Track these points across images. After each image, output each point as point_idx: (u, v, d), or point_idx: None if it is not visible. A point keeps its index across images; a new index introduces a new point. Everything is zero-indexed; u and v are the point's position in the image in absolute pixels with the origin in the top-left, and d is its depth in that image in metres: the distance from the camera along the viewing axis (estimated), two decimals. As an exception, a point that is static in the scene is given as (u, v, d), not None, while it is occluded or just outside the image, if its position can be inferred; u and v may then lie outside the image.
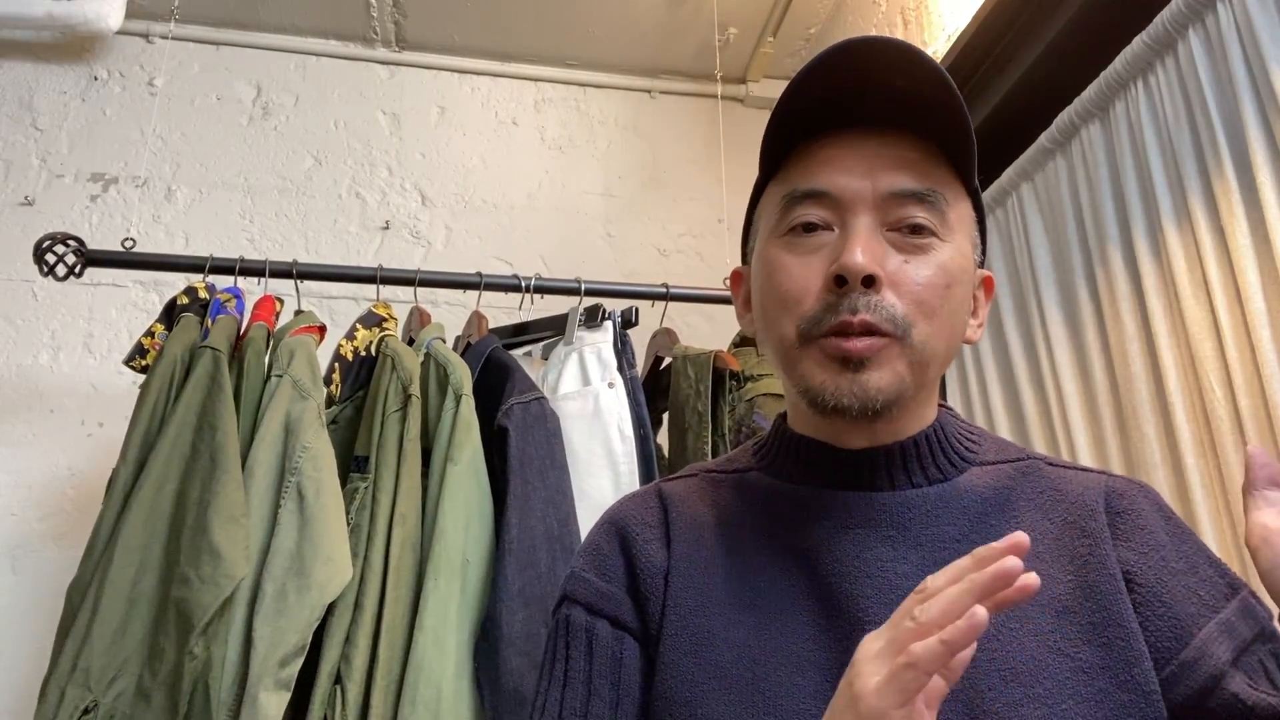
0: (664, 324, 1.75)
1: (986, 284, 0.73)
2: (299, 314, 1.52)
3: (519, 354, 1.66)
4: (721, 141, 2.34)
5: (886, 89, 0.63)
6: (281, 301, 1.56)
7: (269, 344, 1.45)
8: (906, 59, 0.63)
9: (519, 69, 2.42)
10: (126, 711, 1.15)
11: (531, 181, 2.35)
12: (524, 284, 1.67)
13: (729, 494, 0.73)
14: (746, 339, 1.73)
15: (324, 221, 2.20)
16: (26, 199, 2.06)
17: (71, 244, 1.57)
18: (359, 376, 1.49)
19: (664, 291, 1.74)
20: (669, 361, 1.65)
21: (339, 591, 1.21)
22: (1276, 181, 1.09)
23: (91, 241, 1.65)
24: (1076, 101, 1.43)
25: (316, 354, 1.43)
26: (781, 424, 0.74)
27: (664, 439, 1.63)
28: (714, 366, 1.54)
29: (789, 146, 0.68)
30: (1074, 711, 0.58)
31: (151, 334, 1.50)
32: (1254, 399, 1.10)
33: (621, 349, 1.58)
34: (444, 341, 1.52)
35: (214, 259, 1.58)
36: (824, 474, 0.69)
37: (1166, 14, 1.25)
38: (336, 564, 1.21)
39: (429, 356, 1.46)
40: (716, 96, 2.35)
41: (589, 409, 1.49)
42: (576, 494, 1.39)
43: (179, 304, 1.50)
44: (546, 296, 1.71)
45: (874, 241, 0.63)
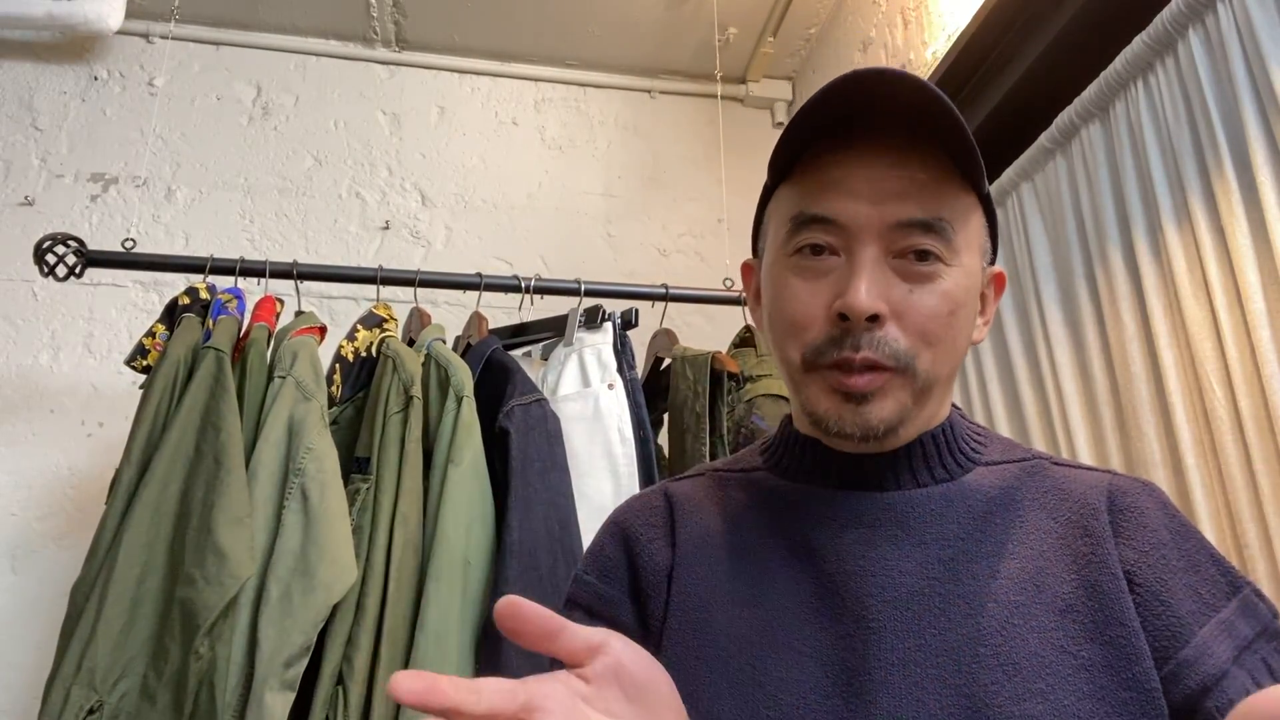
0: (664, 324, 1.75)
1: (998, 281, 0.73)
2: (300, 315, 1.52)
3: (519, 355, 1.66)
4: (721, 141, 2.34)
5: (895, 106, 0.64)
6: (282, 302, 1.56)
7: (270, 345, 1.45)
8: (915, 83, 0.64)
9: (519, 69, 2.43)
10: (131, 712, 1.15)
11: (531, 181, 2.35)
12: (524, 284, 1.67)
13: (735, 492, 0.74)
14: (745, 340, 1.73)
15: (324, 221, 2.20)
16: (26, 199, 2.06)
17: (72, 244, 1.57)
18: (360, 377, 1.49)
19: (664, 292, 1.74)
20: (669, 362, 1.64)
21: (344, 592, 1.22)
22: (1276, 181, 1.09)
23: (91, 242, 1.65)
24: (1076, 101, 1.43)
25: (319, 355, 1.43)
26: (787, 424, 0.75)
27: (664, 440, 1.63)
28: (712, 368, 1.54)
29: (799, 153, 0.68)
30: (1075, 707, 0.58)
31: (153, 334, 1.50)
32: (1254, 399, 1.10)
33: (621, 350, 1.58)
34: (444, 342, 1.52)
35: (214, 259, 1.58)
36: (829, 474, 0.70)
37: (1166, 14, 1.25)
38: (341, 565, 1.22)
39: (430, 358, 1.46)
40: (716, 96, 2.35)
41: (589, 410, 1.49)
42: (577, 495, 1.39)
43: (180, 304, 1.50)
44: (546, 297, 1.71)
45: (879, 275, 0.63)
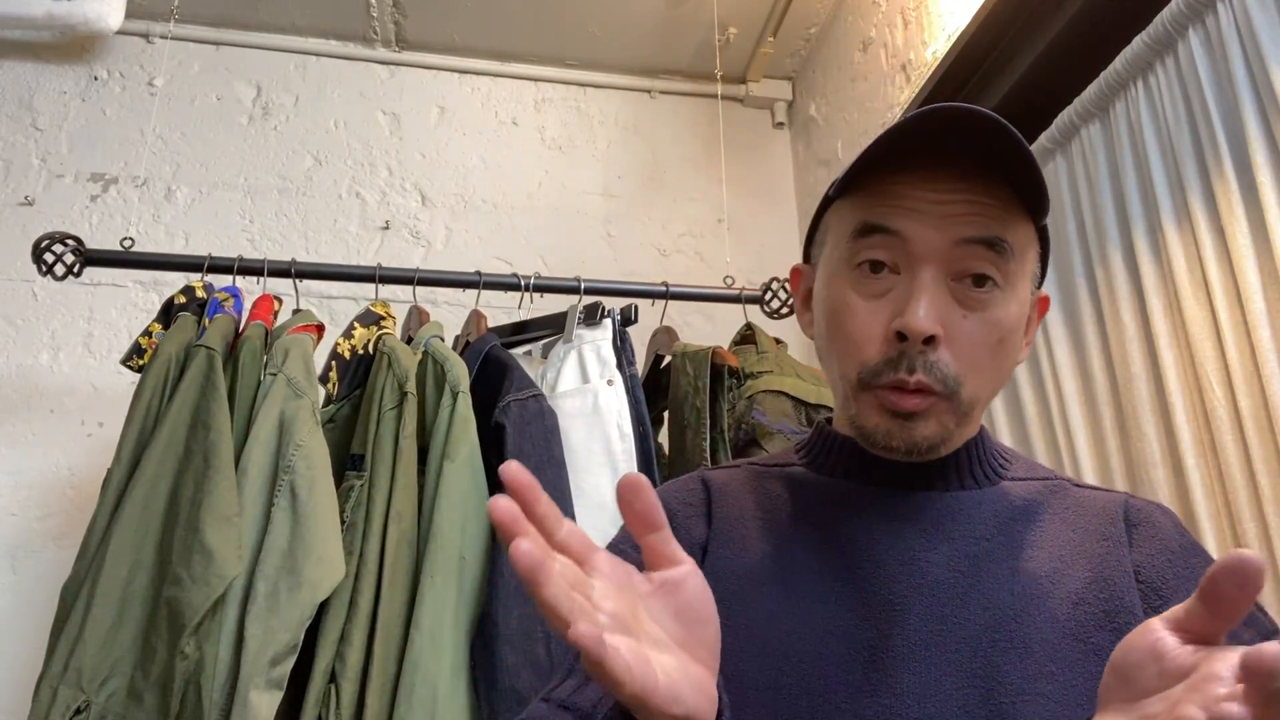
0: (664, 323, 1.74)
1: (1041, 304, 0.77)
2: (297, 313, 1.52)
3: (518, 353, 1.65)
4: (721, 141, 2.34)
5: (968, 133, 0.66)
6: (280, 301, 1.56)
7: (266, 343, 1.44)
8: (991, 118, 0.66)
9: (519, 69, 2.42)
10: (118, 711, 1.15)
11: (531, 181, 2.34)
12: (523, 283, 1.67)
13: (772, 484, 0.78)
14: (746, 337, 1.72)
15: (324, 221, 2.20)
16: (26, 199, 2.06)
17: (70, 243, 1.57)
18: (356, 375, 1.49)
19: (664, 290, 1.74)
20: (669, 360, 1.64)
21: (331, 590, 1.21)
22: (1276, 181, 1.09)
23: (91, 241, 1.65)
24: (1076, 101, 1.43)
25: (312, 352, 1.43)
26: (825, 426, 0.79)
27: (664, 438, 1.63)
28: (713, 363, 1.54)
29: (868, 172, 0.70)
30: (1084, 687, 0.61)
31: (149, 333, 1.50)
32: (1254, 399, 1.09)
33: (621, 346, 1.57)
34: (442, 340, 1.52)
35: (213, 258, 1.58)
36: (866, 473, 0.73)
37: (1166, 14, 1.25)
38: (328, 563, 1.21)
39: (427, 354, 1.46)
40: (716, 96, 2.34)
41: (588, 407, 1.48)
42: (575, 492, 1.38)
43: (176, 303, 1.50)
44: (546, 296, 1.71)
45: (937, 297, 0.66)
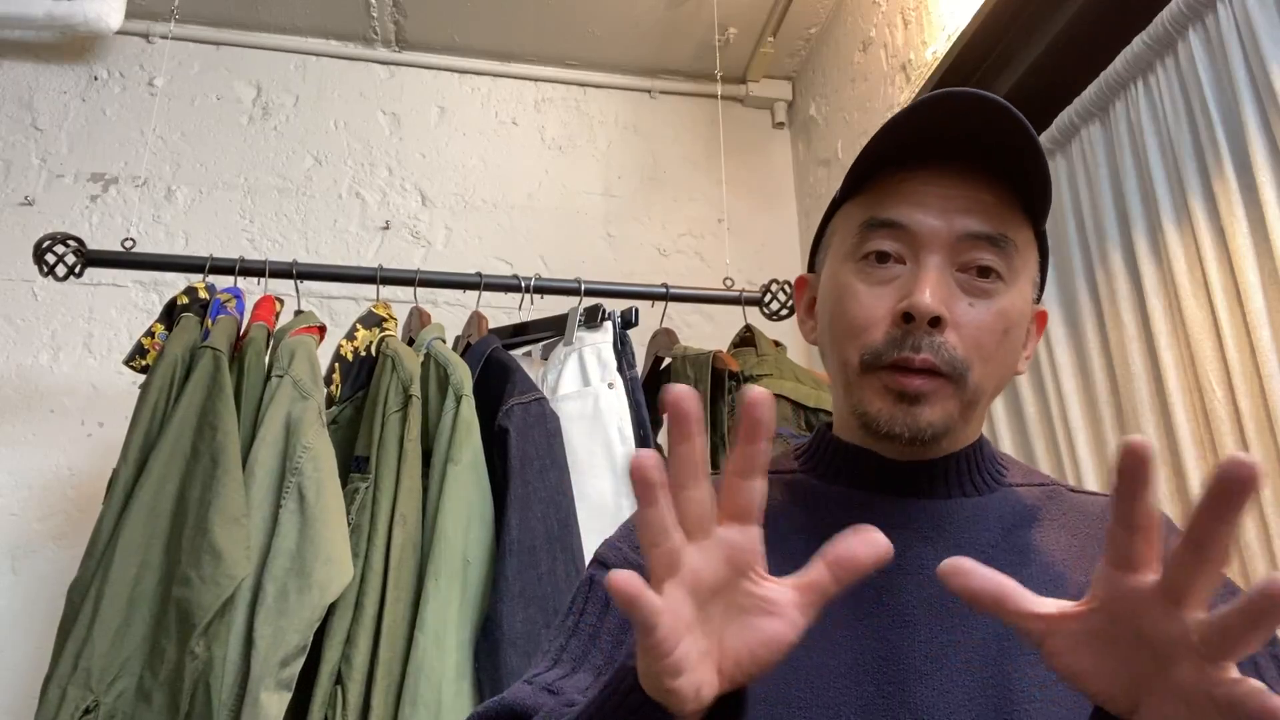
0: (664, 324, 1.74)
1: (1040, 319, 0.77)
2: (299, 314, 1.52)
3: (519, 354, 1.65)
4: (722, 142, 2.34)
5: (973, 131, 0.67)
6: (281, 302, 1.56)
7: (269, 344, 1.45)
8: (997, 109, 0.67)
9: (519, 69, 2.42)
10: (128, 711, 1.15)
11: (531, 181, 2.34)
12: (524, 284, 1.67)
13: (773, 491, 0.77)
14: (746, 340, 1.73)
15: (324, 221, 2.20)
16: (26, 199, 2.06)
17: (71, 244, 1.57)
18: (359, 377, 1.49)
19: (664, 291, 1.74)
20: (669, 362, 1.64)
21: (340, 592, 1.22)
22: (1276, 181, 1.09)
23: (91, 241, 1.65)
24: (1076, 101, 1.43)
25: (317, 354, 1.43)
26: (825, 431, 0.78)
27: (664, 439, 1.63)
28: (713, 367, 1.54)
29: (874, 171, 0.71)
30: None
31: (151, 334, 1.50)
32: (1254, 399, 1.10)
33: (621, 349, 1.57)
34: (444, 342, 1.52)
35: (214, 259, 1.58)
36: (868, 479, 0.72)
37: (1166, 14, 1.25)
38: (337, 564, 1.22)
39: (429, 357, 1.46)
40: (716, 96, 2.34)
41: (589, 409, 1.48)
42: (577, 495, 1.39)
43: (179, 304, 1.50)
44: (546, 296, 1.71)
45: (943, 282, 0.66)
